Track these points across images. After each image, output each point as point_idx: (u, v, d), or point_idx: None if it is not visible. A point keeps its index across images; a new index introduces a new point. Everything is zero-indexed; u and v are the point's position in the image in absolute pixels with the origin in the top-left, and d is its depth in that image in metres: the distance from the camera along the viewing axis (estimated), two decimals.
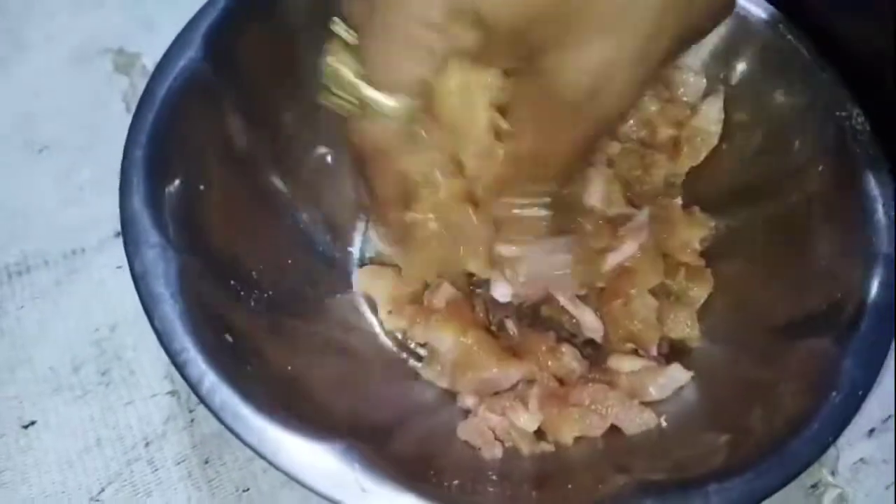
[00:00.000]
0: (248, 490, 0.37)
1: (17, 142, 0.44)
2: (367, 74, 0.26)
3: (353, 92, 0.26)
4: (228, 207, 0.35)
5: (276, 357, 0.32)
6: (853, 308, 0.32)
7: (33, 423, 0.38)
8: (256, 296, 0.34)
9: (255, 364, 0.30)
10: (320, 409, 0.31)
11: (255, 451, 0.28)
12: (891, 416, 0.39)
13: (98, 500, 0.36)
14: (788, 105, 0.38)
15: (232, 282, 0.33)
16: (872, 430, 0.40)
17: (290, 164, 0.39)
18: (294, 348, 0.34)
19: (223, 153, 0.35)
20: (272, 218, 0.38)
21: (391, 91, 0.26)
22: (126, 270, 0.30)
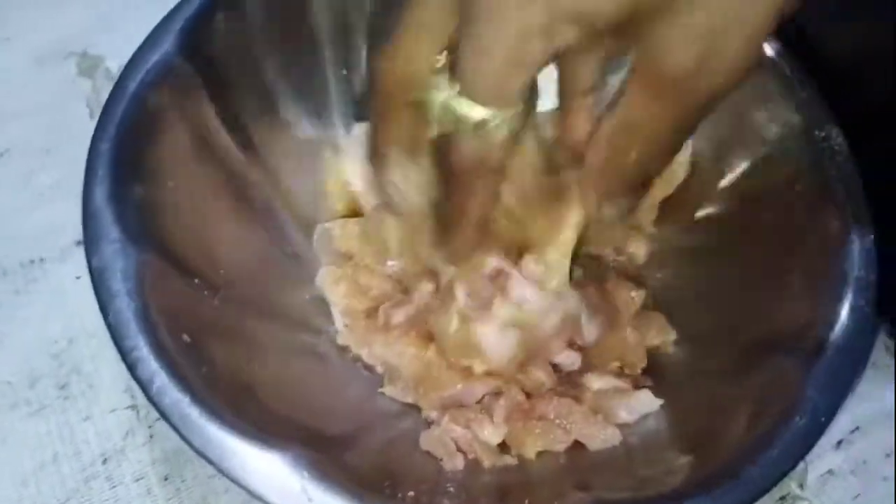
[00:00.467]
0: None
1: None
2: (465, 93, 0.25)
3: (451, 115, 0.26)
4: (197, 205, 0.35)
5: (234, 359, 0.32)
6: (821, 331, 0.32)
7: None
8: (222, 295, 0.33)
9: (210, 366, 0.30)
10: (275, 415, 0.30)
11: (202, 455, 0.27)
12: (858, 428, 0.39)
13: None
14: (767, 123, 0.38)
15: (196, 280, 0.33)
16: (840, 442, 0.39)
17: (263, 162, 0.39)
18: (255, 351, 0.33)
19: (195, 150, 0.35)
20: (242, 216, 0.37)
21: (498, 106, 0.25)
22: (86, 280, 0.30)
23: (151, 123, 0.33)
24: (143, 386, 0.28)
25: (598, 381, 0.36)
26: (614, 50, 0.27)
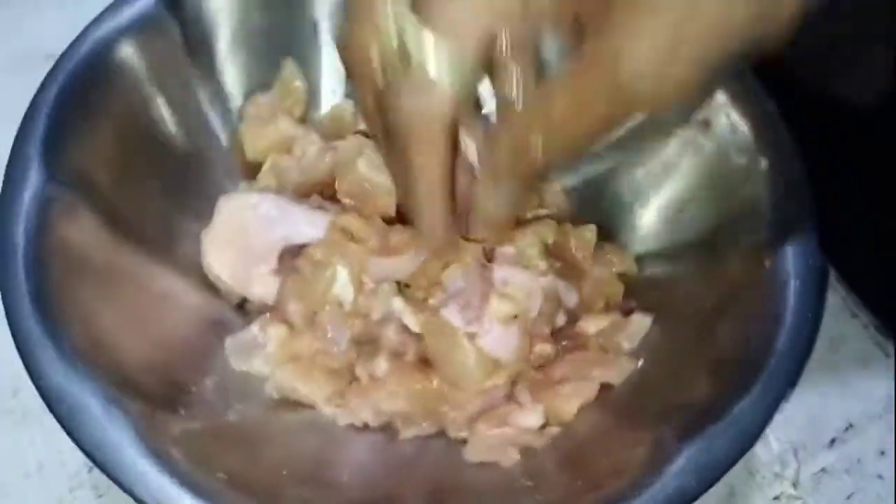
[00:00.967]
0: None
1: None
2: (426, 18, 0.25)
3: (402, 48, 0.25)
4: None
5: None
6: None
7: None
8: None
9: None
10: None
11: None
12: (851, 426, 0.40)
13: None
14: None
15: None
16: (833, 441, 0.40)
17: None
18: None
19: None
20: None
21: (453, 41, 0.24)
22: None
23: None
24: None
25: (592, 325, 0.37)
26: (570, 38, 0.26)
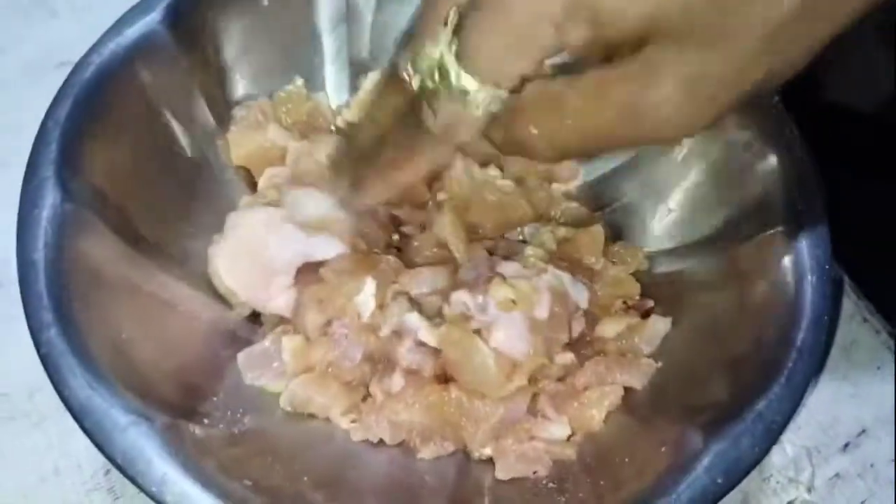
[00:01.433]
0: None
1: None
2: (462, 60, 0.25)
3: (440, 75, 0.25)
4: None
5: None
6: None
7: None
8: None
9: None
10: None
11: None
12: (864, 431, 0.40)
13: None
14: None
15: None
16: (847, 445, 0.39)
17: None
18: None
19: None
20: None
21: (490, 82, 0.25)
22: None
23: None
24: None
25: (610, 328, 0.37)
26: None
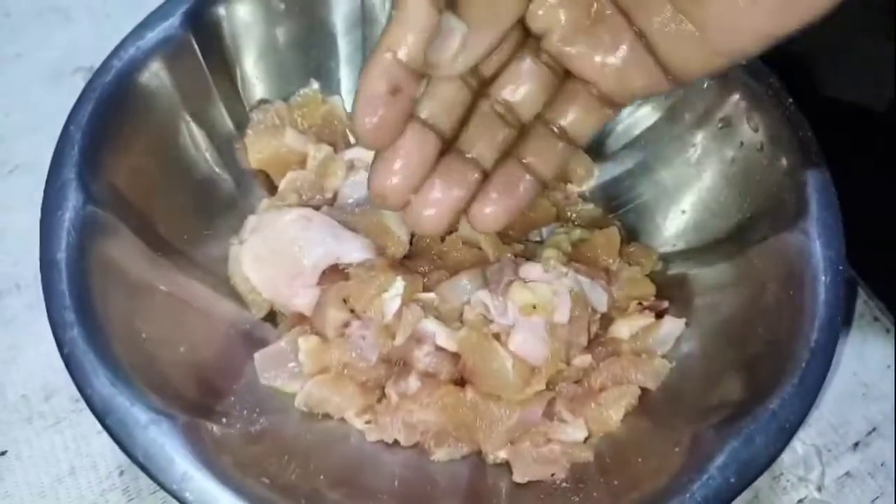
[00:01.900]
0: None
1: None
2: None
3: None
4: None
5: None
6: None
7: (4, 453, 0.37)
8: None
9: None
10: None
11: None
12: (874, 429, 0.39)
13: None
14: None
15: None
16: (857, 444, 0.39)
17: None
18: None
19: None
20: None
21: (482, 27, 0.25)
22: None
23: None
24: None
25: (625, 328, 0.37)
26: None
